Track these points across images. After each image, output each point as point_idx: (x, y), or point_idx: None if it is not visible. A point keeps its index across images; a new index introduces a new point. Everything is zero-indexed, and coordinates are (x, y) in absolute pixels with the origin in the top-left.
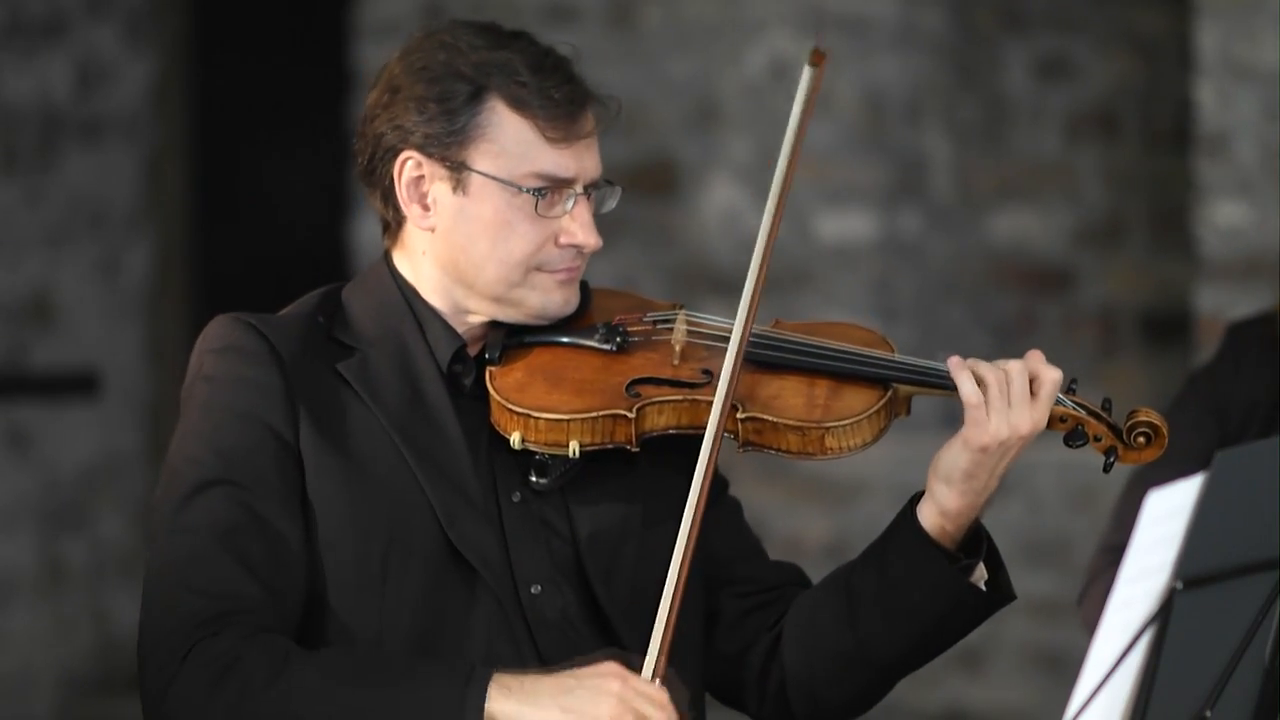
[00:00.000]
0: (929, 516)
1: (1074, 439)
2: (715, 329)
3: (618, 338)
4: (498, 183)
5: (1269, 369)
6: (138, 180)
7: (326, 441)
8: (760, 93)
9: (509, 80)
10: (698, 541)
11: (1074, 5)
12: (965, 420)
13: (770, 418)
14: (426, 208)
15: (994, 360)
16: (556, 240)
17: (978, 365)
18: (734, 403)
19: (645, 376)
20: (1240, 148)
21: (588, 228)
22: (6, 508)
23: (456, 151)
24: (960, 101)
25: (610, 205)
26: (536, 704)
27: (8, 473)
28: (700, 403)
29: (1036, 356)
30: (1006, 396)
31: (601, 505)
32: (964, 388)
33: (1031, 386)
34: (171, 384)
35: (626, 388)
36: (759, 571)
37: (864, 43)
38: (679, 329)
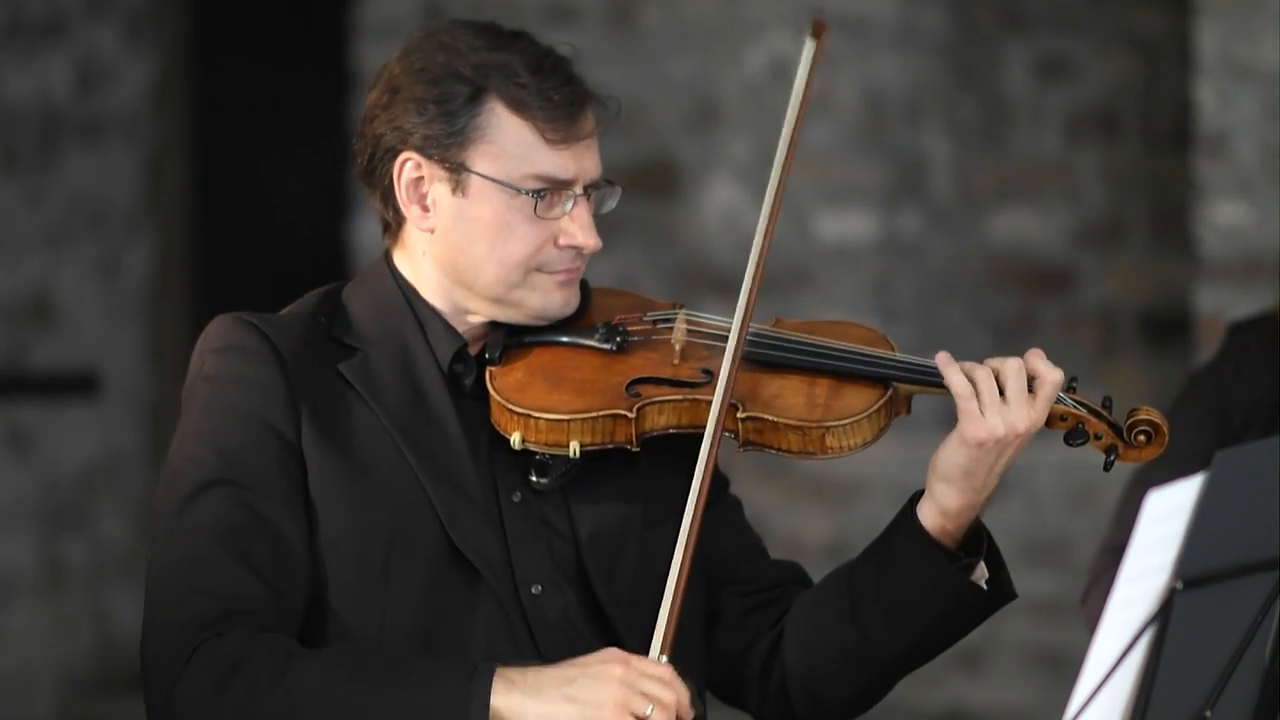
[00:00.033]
0: (929, 515)
1: (1074, 438)
2: (715, 328)
3: (618, 337)
4: (497, 184)
5: (1270, 368)
6: (138, 180)
7: (328, 441)
8: (760, 93)
9: (508, 82)
10: (699, 539)
11: (1074, 5)
12: (959, 414)
13: (770, 417)
14: (426, 209)
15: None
16: (556, 241)
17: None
18: (734, 402)
19: (645, 376)
20: (1240, 148)
21: (587, 229)
22: (6, 508)
23: (456, 153)
24: (960, 101)
25: (610, 205)
26: (541, 696)
27: (8, 473)
28: (700, 402)
29: (1037, 355)
30: (1001, 393)
31: (602, 505)
32: (952, 381)
33: (1032, 385)
34: (171, 384)
35: (627, 387)
36: (760, 570)
37: (864, 43)
38: (679, 328)
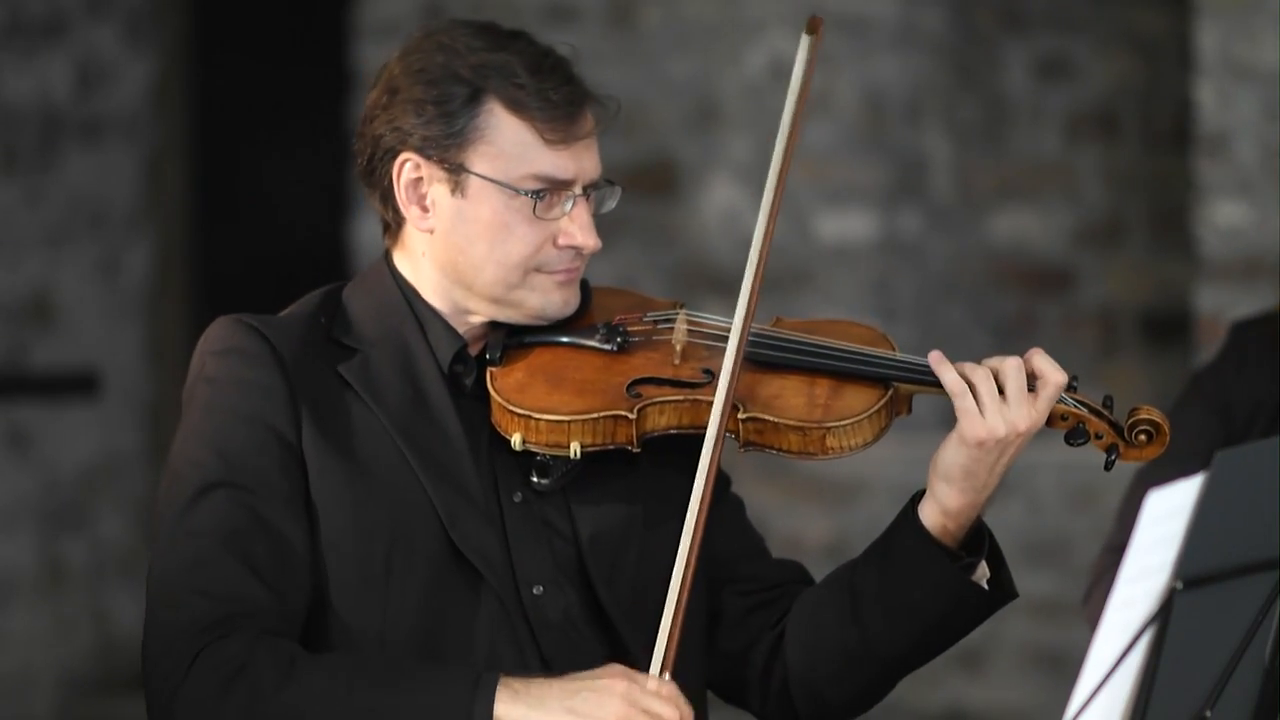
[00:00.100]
0: (930, 515)
1: (1075, 437)
2: (716, 328)
3: (618, 338)
4: (496, 185)
5: (1272, 368)
6: (138, 180)
7: (329, 443)
8: (760, 93)
9: (507, 82)
10: (702, 541)
11: (1074, 5)
12: (956, 414)
13: (771, 418)
14: (425, 209)
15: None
16: (555, 241)
17: (963, 366)
18: (735, 403)
19: (646, 377)
20: (1240, 148)
21: (586, 229)
22: (6, 508)
23: (455, 154)
24: (960, 101)
25: (610, 205)
26: (544, 708)
27: (8, 473)
28: (701, 403)
29: (1040, 354)
30: (1001, 392)
31: (603, 506)
32: (946, 380)
33: (1034, 384)
34: (171, 384)
35: (627, 388)
36: (762, 570)
37: (864, 43)
38: (679, 328)
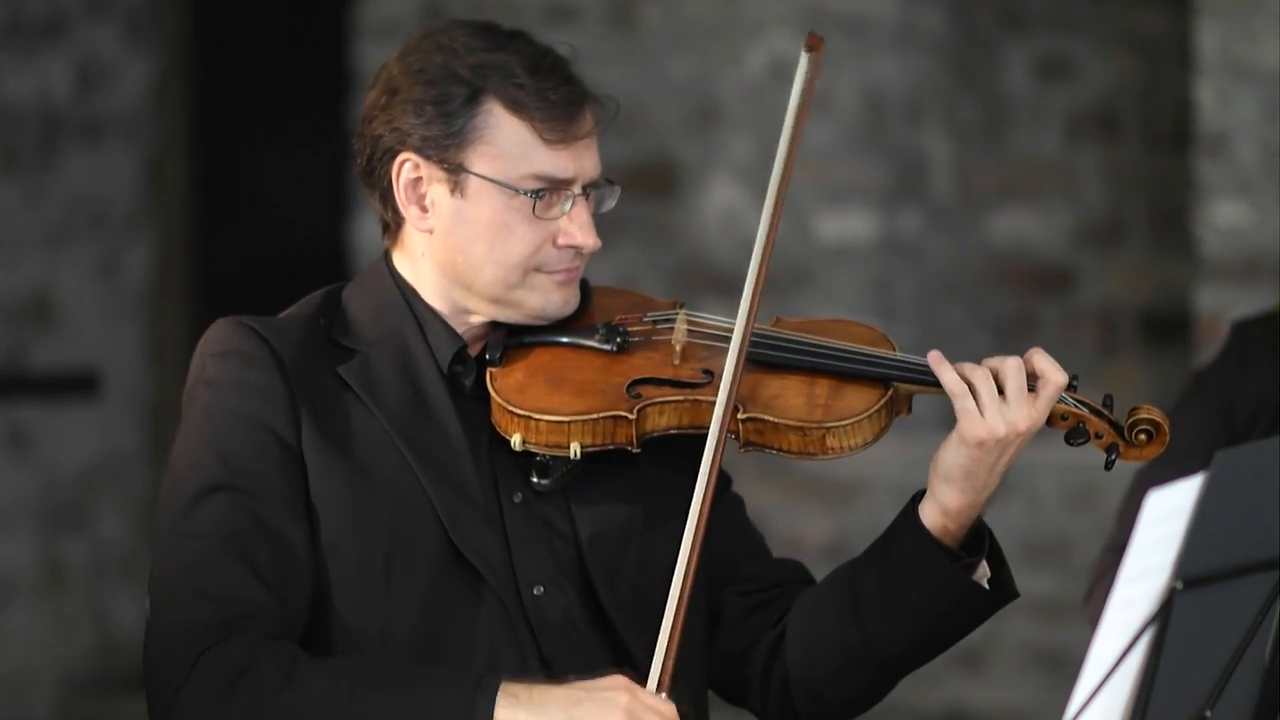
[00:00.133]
0: (930, 515)
1: (1075, 437)
2: (715, 328)
3: (618, 338)
4: (495, 185)
5: (1274, 367)
6: (138, 180)
7: (329, 444)
8: (760, 93)
9: (506, 82)
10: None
11: (1074, 5)
12: (956, 414)
13: (771, 418)
14: (425, 209)
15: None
16: (555, 241)
17: (963, 367)
18: (735, 403)
19: (646, 377)
20: (1240, 148)
21: (586, 228)
22: (6, 508)
23: (454, 154)
24: (960, 101)
25: (610, 204)
26: (545, 714)
27: (8, 473)
28: (701, 403)
29: (1041, 354)
30: (1001, 392)
31: (603, 506)
32: (945, 379)
33: (1034, 384)
34: (171, 384)
35: (627, 388)
36: (762, 569)
37: (864, 43)
38: (679, 328)
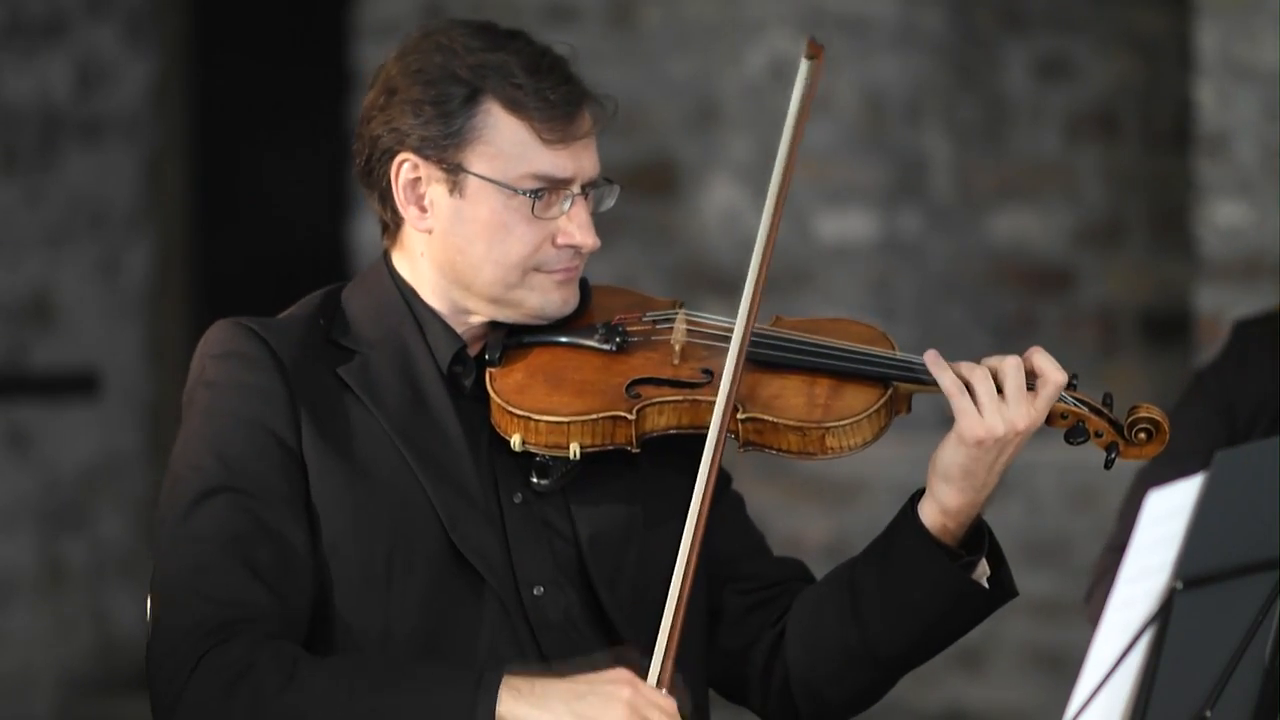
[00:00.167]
0: (930, 514)
1: (1075, 435)
2: (715, 328)
3: (617, 338)
4: (494, 185)
5: (1273, 368)
6: (138, 180)
7: (329, 445)
8: (760, 93)
9: (505, 82)
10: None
11: (1074, 5)
12: (954, 413)
13: (771, 418)
14: (424, 210)
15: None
16: (554, 241)
17: (961, 366)
18: (735, 403)
19: (645, 377)
20: (1240, 148)
21: (585, 228)
22: (6, 508)
23: (453, 154)
24: (960, 101)
25: (609, 204)
26: (547, 708)
27: (8, 473)
28: (701, 403)
29: (1039, 352)
30: (1000, 391)
31: (603, 506)
32: (943, 380)
33: (1034, 383)
34: (171, 384)
35: (627, 389)
36: (762, 568)
37: (864, 43)
38: (679, 328)
